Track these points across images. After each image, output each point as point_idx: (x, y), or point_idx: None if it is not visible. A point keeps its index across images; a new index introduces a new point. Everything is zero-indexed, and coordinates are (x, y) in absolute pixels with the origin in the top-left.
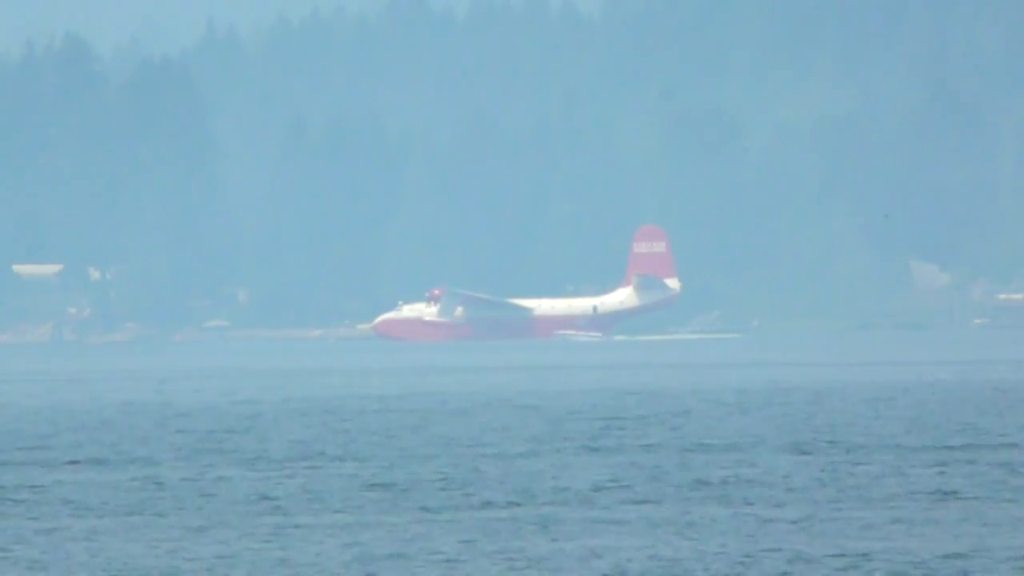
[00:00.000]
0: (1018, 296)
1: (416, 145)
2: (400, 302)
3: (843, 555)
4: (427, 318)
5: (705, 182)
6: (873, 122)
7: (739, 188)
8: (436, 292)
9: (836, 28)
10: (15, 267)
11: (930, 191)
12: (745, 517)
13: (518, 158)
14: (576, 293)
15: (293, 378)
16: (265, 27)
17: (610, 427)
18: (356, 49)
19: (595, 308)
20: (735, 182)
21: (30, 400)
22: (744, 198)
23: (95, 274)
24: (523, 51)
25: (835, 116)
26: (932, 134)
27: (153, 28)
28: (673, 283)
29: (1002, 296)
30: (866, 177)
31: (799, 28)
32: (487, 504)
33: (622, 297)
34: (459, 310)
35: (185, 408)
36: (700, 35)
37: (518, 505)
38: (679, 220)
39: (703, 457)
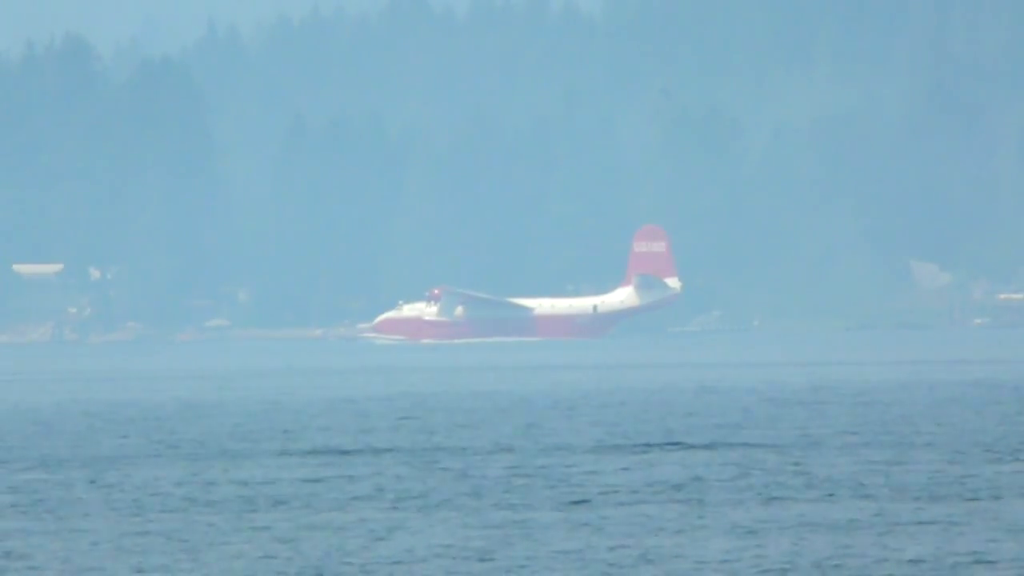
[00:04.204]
0: (1018, 296)
1: (416, 145)
2: (400, 302)
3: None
4: (427, 318)
5: (705, 182)
6: (873, 122)
7: (739, 188)
8: (436, 292)
9: (836, 28)
10: (15, 267)
11: (930, 191)
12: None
13: (518, 158)
14: (576, 293)
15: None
16: (265, 27)
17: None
18: (356, 49)
19: (595, 308)
20: (735, 182)
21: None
22: (744, 198)
23: (95, 274)
24: (523, 51)
25: (835, 116)
26: (932, 134)
27: (153, 28)
28: (673, 283)
29: (1002, 296)
30: (866, 177)
31: (799, 28)
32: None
33: (622, 297)
34: (459, 310)
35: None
36: (700, 35)
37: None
38: (679, 220)
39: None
